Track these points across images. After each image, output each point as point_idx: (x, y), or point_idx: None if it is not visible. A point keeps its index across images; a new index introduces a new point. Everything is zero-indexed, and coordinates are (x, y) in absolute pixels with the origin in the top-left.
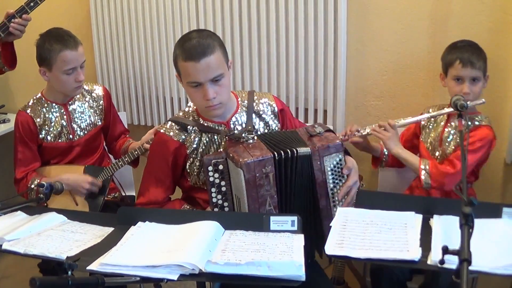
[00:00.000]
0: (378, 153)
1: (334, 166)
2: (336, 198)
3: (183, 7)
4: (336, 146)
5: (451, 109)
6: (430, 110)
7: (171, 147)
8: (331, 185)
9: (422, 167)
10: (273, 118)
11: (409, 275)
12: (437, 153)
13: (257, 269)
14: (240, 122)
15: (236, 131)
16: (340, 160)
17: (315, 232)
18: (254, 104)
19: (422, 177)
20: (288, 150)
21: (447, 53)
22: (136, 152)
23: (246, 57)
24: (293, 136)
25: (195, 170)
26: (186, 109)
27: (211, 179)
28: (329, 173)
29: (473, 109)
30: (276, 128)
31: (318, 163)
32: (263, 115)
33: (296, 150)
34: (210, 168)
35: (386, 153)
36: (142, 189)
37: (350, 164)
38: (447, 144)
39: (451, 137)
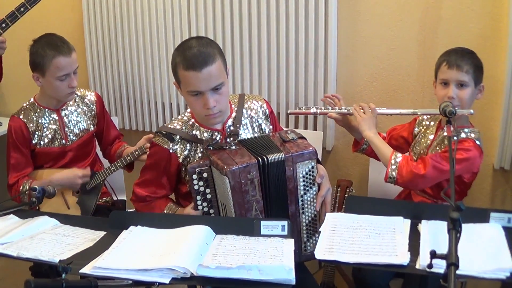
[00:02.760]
0: (359, 136)
1: (306, 173)
2: (306, 205)
3: (175, 13)
4: (310, 153)
5: (438, 111)
6: (418, 113)
7: (163, 154)
8: (302, 192)
9: (393, 158)
10: (265, 120)
11: (390, 277)
12: None
13: (248, 273)
14: (235, 126)
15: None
16: (312, 167)
17: None
18: (244, 109)
19: (390, 169)
20: (267, 156)
21: (438, 59)
22: (128, 158)
23: (237, 63)
24: (267, 142)
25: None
26: (180, 117)
27: (196, 187)
28: (301, 179)
29: (464, 121)
30: (268, 131)
31: (291, 169)
32: (255, 118)
33: (267, 157)
34: (194, 176)
35: (366, 140)
36: (134, 188)
37: (322, 172)
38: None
39: (437, 147)
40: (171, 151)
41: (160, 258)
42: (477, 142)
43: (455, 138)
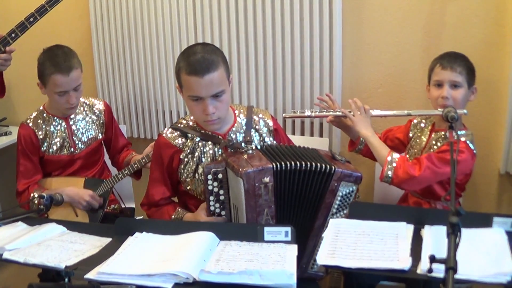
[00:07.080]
0: (354, 136)
1: (345, 194)
2: None
3: (182, 21)
4: (357, 177)
5: (433, 111)
6: (413, 113)
7: (168, 151)
8: (334, 210)
9: (389, 158)
10: (268, 134)
11: (379, 279)
12: None
13: (249, 278)
14: (237, 135)
15: (234, 142)
16: (352, 191)
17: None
18: (253, 119)
19: (386, 168)
20: (294, 162)
21: (431, 62)
22: (136, 165)
23: (243, 70)
24: (313, 153)
25: (185, 175)
26: (187, 118)
27: (210, 187)
28: (339, 198)
29: (458, 123)
30: None
31: (335, 184)
32: (259, 131)
33: (317, 165)
34: (209, 176)
35: (362, 140)
36: (146, 190)
37: None
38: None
39: (431, 149)
40: (178, 146)
41: (164, 263)
42: (470, 145)
43: (453, 140)
